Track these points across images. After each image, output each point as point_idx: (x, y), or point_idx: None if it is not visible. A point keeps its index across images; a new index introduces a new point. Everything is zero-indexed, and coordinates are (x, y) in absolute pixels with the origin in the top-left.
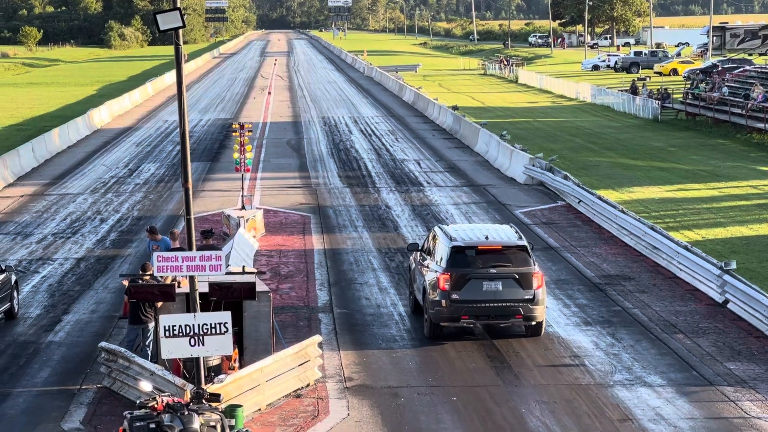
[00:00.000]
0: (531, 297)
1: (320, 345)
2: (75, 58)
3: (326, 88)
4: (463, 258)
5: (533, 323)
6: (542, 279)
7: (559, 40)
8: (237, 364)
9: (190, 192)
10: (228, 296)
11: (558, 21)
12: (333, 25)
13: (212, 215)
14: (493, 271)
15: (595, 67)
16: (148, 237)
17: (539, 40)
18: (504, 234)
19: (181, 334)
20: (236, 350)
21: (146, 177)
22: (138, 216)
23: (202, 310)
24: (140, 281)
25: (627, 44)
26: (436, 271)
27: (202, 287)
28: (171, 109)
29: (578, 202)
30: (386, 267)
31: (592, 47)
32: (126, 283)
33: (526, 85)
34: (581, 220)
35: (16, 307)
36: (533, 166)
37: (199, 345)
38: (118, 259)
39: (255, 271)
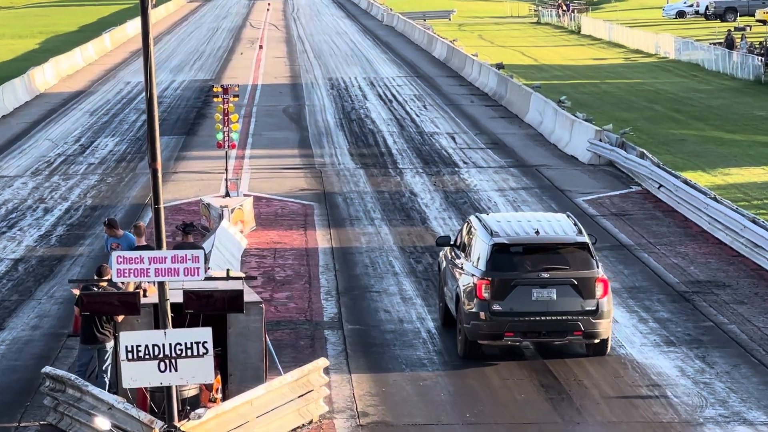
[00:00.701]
0: (594, 308)
1: (326, 371)
2: (12, 2)
3: (334, 40)
4: (507, 258)
5: (596, 341)
6: (608, 286)
7: None
8: (220, 395)
9: (159, 174)
10: (208, 308)
11: None
12: None
13: (187, 204)
14: (545, 275)
15: (681, 14)
16: (106, 232)
17: None
18: (559, 227)
19: (147, 357)
20: (219, 377)
21: (103, 155)
22: (92, 205)
23: (176, 325)
24: (95, 289)
25: None
26: (472, 275)
27: (175, 296)
28: (134, 68)
29: (658, 188)
30: (411, 270)
31: None
32: (77, 291)
33: (591, 36)
34: (662, 211)
35: None
36: (600, 141)
37: (170, 370)
38: (67, 261)
39: (243, 275)
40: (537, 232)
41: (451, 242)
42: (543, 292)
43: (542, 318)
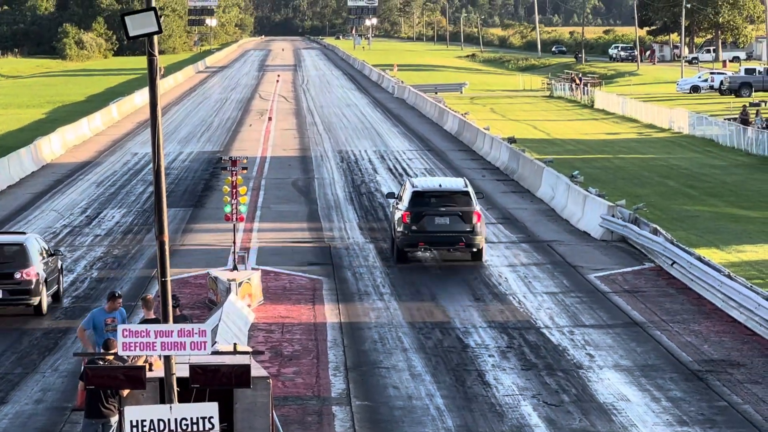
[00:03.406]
0: (471, 229)
1: None
2: (19, 71)
3: (344, 113)
4: (421, 200)
5: (474, 249)
6: (480, 216)
7: (648, 52)
8: None
9: (167, 247)
10: (215, 382)
11: (646, 28)
12: (353, 31)
13: (195, 277)
14: (442, 209)
15: (695, 89)
16: (107, 306)
17: (622, 53)
18: (454, 183)
19: None
20: None
21: (109, 226)
22: (98, 277)
23: (182, 400)
24: (101, 362)
25: (736, 59)
26: (402, 210)
27: (181, 370)
28: (142, 139)
29: (671, 264)
30: (420, 346)
31: (690, 62)
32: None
33: (604, 111)
34: (675, 288)
35: (62, 293)
36: (613, 216)
37: None
38: (72, 334)
39: (250, 350)
40: (440, 185)
41: (395, 195)
42: (441, 219)
43: (441, 234)
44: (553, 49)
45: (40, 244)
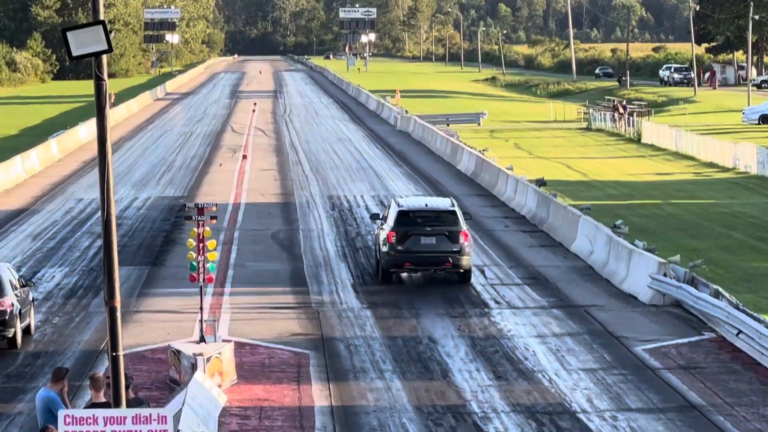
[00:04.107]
0: (458, 249)
1: None
2: None
3: (335, 149)
4: (407, 219)
5: (461, 270)
6: (468, 236)
7: (707, 74)
8: None
9: (118, 314)
10: None
11: (705, 45)
12: (346, 50)
13: (153, 351)
14: (428, 229)
15: (765, 119)
16: (51, 385)
17: (675, 75)
18: (441, 203)
19: None
20: None
21: (48, 288)
22: (34, 351)
23: None
24: None
25: None
26: (387, 230)
27: None
28: (88, 182)
29: (737, 334)
30: None
31: (759, 86)
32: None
33: (653, 146)
34: (741, 363)
35: (33, 327)
36: (664, 275)
37: None
38: (3, 420)
39: None
40: (426, 205)
41: (380, 216)
42: (427, 239)
43: (427, 254)
44: (597, 71)
45: (12, 274)
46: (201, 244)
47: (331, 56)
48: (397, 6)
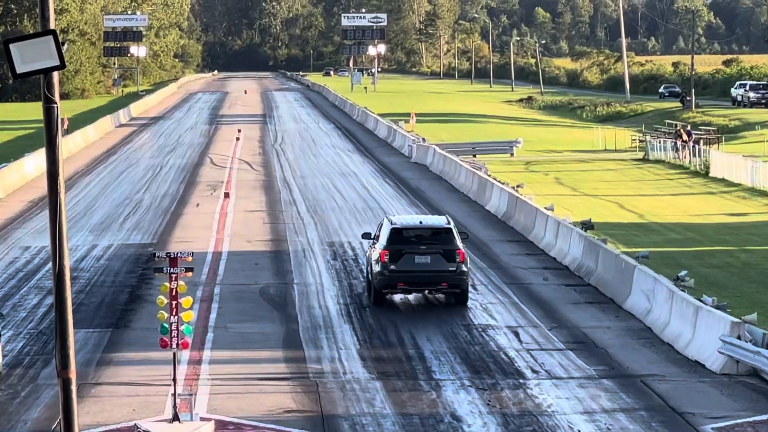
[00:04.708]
0: (455, 269)
1: None
2: None
3: (337, 186)
4: (400, 237)
5: (458, 290)
6: (464, 255)
7: None
8: None
9: (74, 387)
10: None
11: None
12: (350, 64)
13: (117, 431)
14: (423, 247)
15: None
16: None
17: (751, 94)
18: (436, 220)
19: None
20: None
21: None
22: None
23: None
24: None
25: None
26: (379, 249)
27: None
28: (36, 226)
29: None
30: None
31: None
32: None
33: (724, 180)
34: None
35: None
36: (738, 338)
37: None
38: None
39: None
40: (420, 222)
41: (371, 236)
42: (422, 258)
43: (422, 273)
44: (661, 89)
45: None
46: (174, 302)
47: (331, 72)
48: (411, 11)
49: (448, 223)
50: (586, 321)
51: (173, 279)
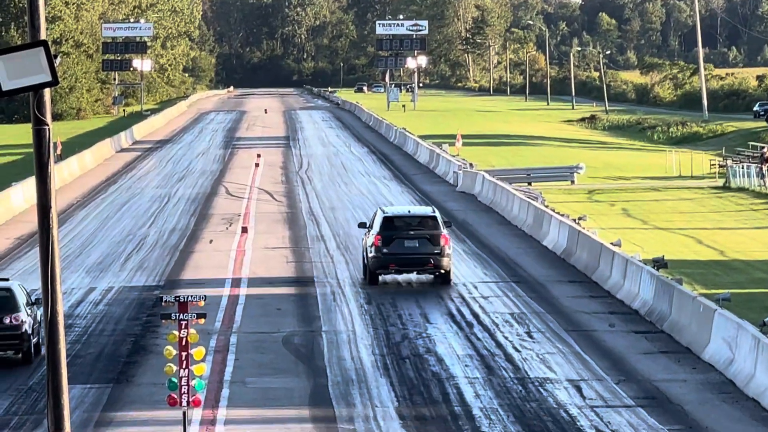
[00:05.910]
0: (439, 251)
1: None
2: None
3: None
4: (391, 224)
5: (442, 271)
6: (448, 239)
7: None
8: None
9: None
10: None
11: None
12: (386, 79)
13: None
14: (411, 233)
15: None
16: None
17: None
18: (422, 210)
19: None
20: None
21: None
22: None
23: None
24: None
25: None
26: (373, 234)
27: None
28: (25, 266)
29: None
30: None
31: None
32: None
33: None
34: None
35: (41, 342)
36: None
37: None
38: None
39: None
40: (409, 211)
41: (366, 225)
42: (411, 242)
43: (410, 255)
44: (756, 108)
45: (24, 291)
46: (184, 353)
47: (364, 88)
48: (456, 18)
49: (434, 212)
50: (659, 373)
51: (183, 327)
